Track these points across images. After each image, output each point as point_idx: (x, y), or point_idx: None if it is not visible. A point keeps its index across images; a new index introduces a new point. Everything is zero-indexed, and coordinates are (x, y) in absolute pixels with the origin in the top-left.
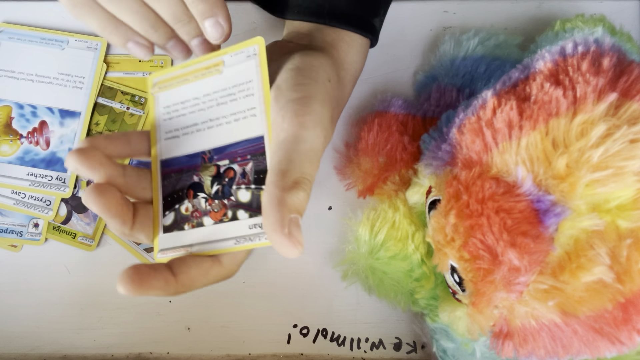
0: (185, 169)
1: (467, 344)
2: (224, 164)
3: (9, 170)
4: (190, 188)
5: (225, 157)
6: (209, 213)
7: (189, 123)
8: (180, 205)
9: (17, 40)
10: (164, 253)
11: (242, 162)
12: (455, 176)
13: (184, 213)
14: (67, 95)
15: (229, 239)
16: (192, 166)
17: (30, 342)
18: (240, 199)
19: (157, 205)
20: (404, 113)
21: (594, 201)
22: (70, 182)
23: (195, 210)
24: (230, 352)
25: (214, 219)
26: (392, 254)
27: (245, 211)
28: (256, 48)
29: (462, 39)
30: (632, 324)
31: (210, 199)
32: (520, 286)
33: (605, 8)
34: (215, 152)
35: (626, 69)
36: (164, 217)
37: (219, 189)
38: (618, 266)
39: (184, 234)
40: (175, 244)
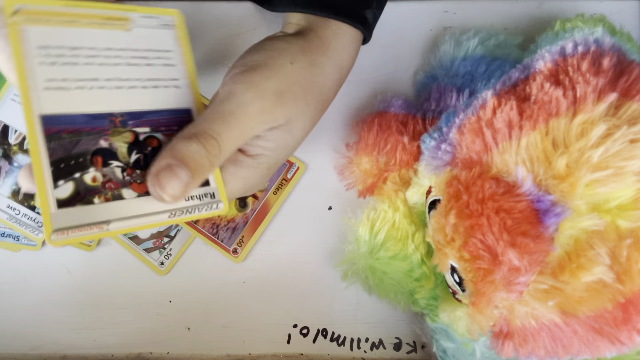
0: (85, 130)
1: (467, 344)
2: (143, 131)
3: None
4: (97, 154)
5: (145, 124)
6: (130, 184)
7: (85, 76)
8: (83, 174)
9: None
10: (61, 234)
11: (168, 132)
12: (455, 176)
13: (90, 184)
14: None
15: (162, 212)
16: (96, 128)
17: (30, 342)
18: None
19: (41, 173)
20: (404, 113)
21: (594, 201)
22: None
23: (108, 181)
24: (230, 352)
25: (137, 190)
26: (392, 254)
27: None
28: (172, 19)
29: (462, 39)
30: (632, 324)
31: (129, 168)
32: (520, 286)
33: (605, 8)
34: (129, 116)
35: (626, 69)
36: (56, 189)
37: (140, 157)
38: (618, 266)
39: (93, 208)
40: (80, 221)
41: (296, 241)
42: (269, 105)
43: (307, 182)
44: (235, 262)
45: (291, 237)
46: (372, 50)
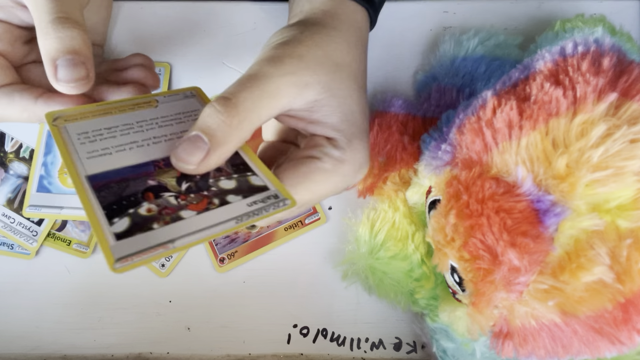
0: (131, 177)
1: (467, 344)
2: None
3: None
4: (148, 191)
5: None
6: (187, 206)
7: (123, 142)
8: (137, 208)
9: None
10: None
11: None
12: (455, 176)
13: (145, 214)
14: None
15: (227, 221)
16: (142, 174)
17: (30, 342)
18: (227, 187)
19: (96, 219)
20: (404, 113)
21: (594, 201)
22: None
23: (164, 209)
24: (230, 352)
25: (195, 209)
26: (392, 254)
27: (236, 195)
28: (193, 92)
29: (462, 39)
30: (632, 324)
31: (182, 195)
32: (520, 286)
33: (605, 8)
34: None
35: (626, 69)
36: (111, 225)
37: (191, 185)
38: (618, 266)
39: (154, 232)
40: (142, 246)
41: (296, 241)
42: (290, 66)
43: None
44: (217, 271)
45: (291, 237)
46: (372, 50)
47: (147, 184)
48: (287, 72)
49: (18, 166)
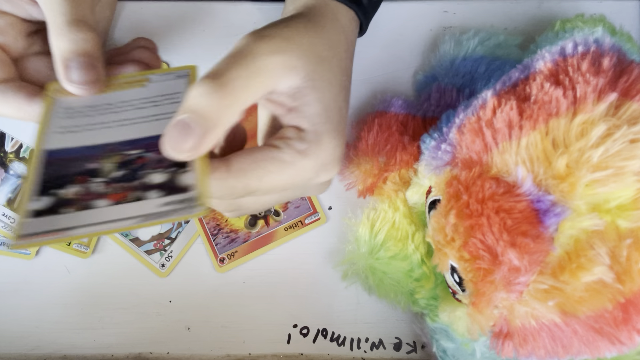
0: (77, 157)
1: (467, 344)
2: (134, 152)
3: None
4: (84, 174)
5: (139, 147)
6: (107, 195)
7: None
8: (62, 189)
9: None
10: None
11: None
12: (455, 176)
13: (67, 197)
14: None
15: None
16: (89, 156)
17: (30, 342)
18: (154, 181)
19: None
20: (404, 113)
21: (594, 201)
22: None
23: (86, 194)
24: (230, 352)
25: (112, 199)
26: (392, 254)
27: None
28: (187, 71)
29: (462, 39)
30: (632, 324)
31: (109, 182)
32: (520, 286)
33: (605, 8)
34: (125, 143)
35: (626, 69)
36: (32, 202)
37: (125, 173)
38: (618, 266)
39: (59, 218)
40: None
41: (296, 242)
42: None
43: None
44: (217, 271)
45: (291, 237)
46: (372, 50)
47: (84, 166)
48: (277, 51)
49: (18, 166)
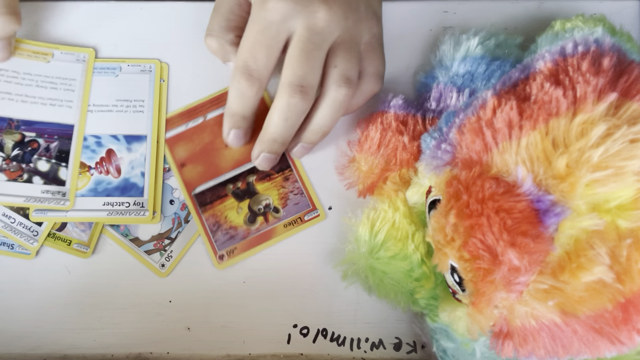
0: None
1: (467, 344)
2: (29, 135)
3: (85, 204)
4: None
5: (33, 130)
6: (5, 171)
7: (2, 89)
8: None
9: None
10: None
11: (49, 139)
12: (455, 176)
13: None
14: (130, 120)
15: (20, 196)
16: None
17: (30, 342)
18: (39, 168)
19: None
20: (404, 113)
21: (594, 201)
22: (149, 205)
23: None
24: (230, 352)
25: (8, 177)
26: (392, 254)
27: (41, 178)
28: (86, 56)
29: (462, 39)
30: (632, 324)
31: (8, 159)
32: (520, 286)
33: (605, 8)
34: (24, 123)
35: (626, 69)
36: None
37: (20, 154)
38: (618, 266)
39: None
40: None
41: (296, 241)
42: None
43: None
44: (216, 268)
45: (291, 237)
46: None
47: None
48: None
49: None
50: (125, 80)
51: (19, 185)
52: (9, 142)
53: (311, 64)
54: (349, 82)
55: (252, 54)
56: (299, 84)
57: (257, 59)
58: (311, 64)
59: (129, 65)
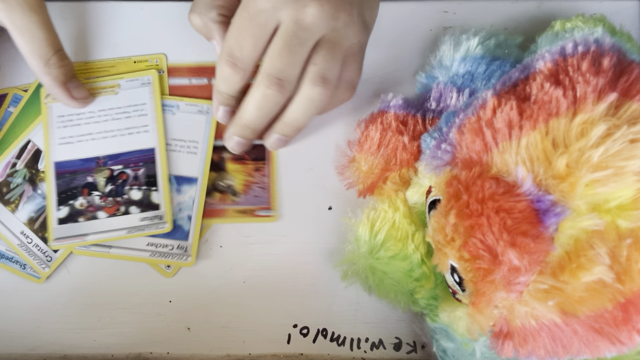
0: (79, 170)
1: (467, 344)
2: (117, 168)
3: (129, 242)
4: (85, 187)
5: (119, 162)
6: (103, 208)
7: (84, 132)
8: (74, 201)
9: None
10: (58, 241)
11: (135, 167)
12: (455, 176)
13: (78, 208)
14: (183, 161)
15: (121, 229)
16: (87, 169)
17: (30, 342)
18: (133, 197)
19: (50, 201)
20: (404, 113)
21: (594, 201)
22: (192, 250)
23: (90, 206)
24: (230, 352)
25: (108, 212)
26: (392, 254)
27: (137, 207)
28: (150, 78)
29: (462, 39)
30: (632, 324)
31: (104, 196)
32: (520, 286)
33: (605, 8)
34: (109, 157)
35: (626, 69)
36: (58, 211)
37: (113, 188)
38: (618, 266)
39: (78, 225)
40: (69, 234)
41: (296, 241)
42: None
43: (308, 182)
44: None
45: (291, 237)
46: (372, 50)
47: (86, 179)
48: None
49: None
50: (181, 119)
51: (119, 219)
52: (101, 180)
53: (292, 58)
54: (324, 82)
55: (238, 42)
56: (277, 76)
57: (242, 47)
58: (292, 58)
59: (186, 104)
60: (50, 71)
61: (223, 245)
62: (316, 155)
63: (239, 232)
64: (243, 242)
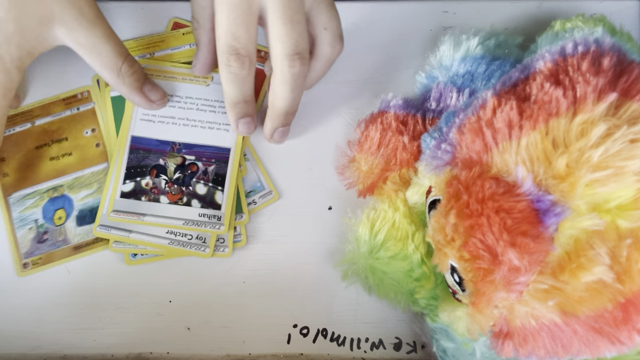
0: (153, 150)
1: (467, 344)
2: (190, 158)
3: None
4: (155, 168)
5: (193, 153)
6: (167, 193)
7: (167, 114)
8: (142, 179)
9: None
10: (116, 213)
11: (207, 162)
12: (455, 176)
13: (143, 187)
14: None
15: (179, 219)
16: (161, 150)
17: (30, 342)
18: (197, 191)
19: (119, 172)
20: (404, 113)
21: (594, 201)
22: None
23: (154, 187)
24: (230, 352)
25: (170, 199)
26: (392, 254)
27: (199, 201)
28: None
29: (462, 39)
30: (632, 324)
31: (170, 182)
32: (520, 286)
33: (605, 8)
34: (185, 146)
35: (626, 69)
36: (123, 184)
37: (180, 177)
38: (618, 266)
39: (139, 203)
40: (128, 209)
41: (296, 241)
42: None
43: (308, 182)
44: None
45: (291, 237)
46: (372, 50)
47: (158, 161)
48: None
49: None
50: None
51: (179, 208)
52: (172, 166)
53: (297, 29)
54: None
55: (232, 34)
56: (295, 52)
57: (238, 37)
58: (297, 29)
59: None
60: (124, 80)
61: None
62: (316, 155)
63: (239, 232)
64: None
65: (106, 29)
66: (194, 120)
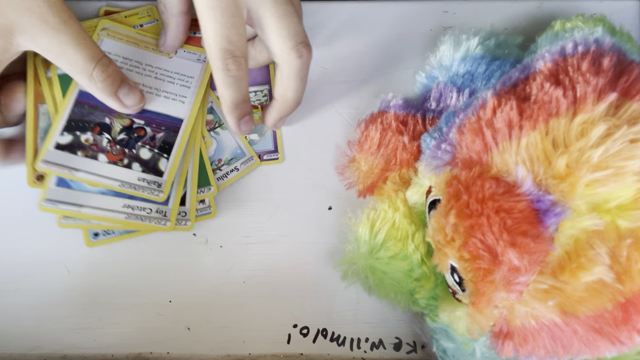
0: (100, 107)
1: (467, 344)
2: (139, 122)
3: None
4: (99, 125)
5: (143, 118)
6: (107, 152)
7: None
8: (82, 134)
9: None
10: (45, 164)
11: (156, 129)
12: (455, 176)
13: (82, 142)
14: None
15: (115, 180)
16: (108, 109)
17: (30, 342)
18: (141, 155)
19: (57, 123)
20: (404, 113)
21: (594, 201)
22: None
23: (94, 144)
24: (230, 352)
25: (109, 159)
26: (392, 254)
27: (141, 165)
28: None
29: (462, 39)
30: (632, 324)
31: (113, 142)
32: (520, 286)
33: (605, 8)
34: None
35: (626, 69)
36: (61, 135)
37: (125, 139)
38: (618, 266)
39: (74, 157)
40: (61, 162)
41: (296, 241)
42: None
43: (308, 182)
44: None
45: (291, 237)
46: (372, 50)
47: (103, 119)
48: None
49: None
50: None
51: (118, 169)
52: (118, 126)
53: (294, 19)
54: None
55: (225, 38)
56: (297, 42)
57: (232, 40)
58: (294, 19)
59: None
60: (97, 85)
61: (223, 245)
62: (316, 155)
63: (239, 232)
64: (243, 242)
65: (73, 34)
66: (150, 87)
